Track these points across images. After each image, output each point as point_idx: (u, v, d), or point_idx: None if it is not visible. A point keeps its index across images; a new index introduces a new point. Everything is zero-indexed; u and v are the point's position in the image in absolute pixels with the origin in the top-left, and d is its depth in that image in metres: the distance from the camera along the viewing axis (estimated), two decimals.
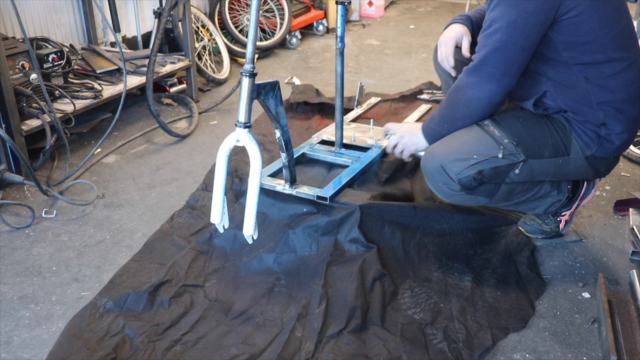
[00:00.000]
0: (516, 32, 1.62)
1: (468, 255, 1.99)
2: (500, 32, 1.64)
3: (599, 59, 1.68)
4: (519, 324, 1.70)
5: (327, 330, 1.62)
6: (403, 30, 5.25)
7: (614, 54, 1.68)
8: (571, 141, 1.80)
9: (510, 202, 1.92)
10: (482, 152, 1.75)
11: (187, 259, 1.90)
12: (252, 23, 1.63)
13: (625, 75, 1.71)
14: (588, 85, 1.71)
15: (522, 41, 1.63)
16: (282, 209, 2.04)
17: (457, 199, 1.86)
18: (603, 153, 1.80)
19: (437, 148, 1.83)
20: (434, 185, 1.84)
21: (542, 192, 1.93)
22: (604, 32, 1.65)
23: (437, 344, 1.60)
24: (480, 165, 1.75)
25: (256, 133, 2.90)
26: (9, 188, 2.40)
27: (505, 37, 1.63)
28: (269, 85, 1.78)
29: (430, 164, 1.81)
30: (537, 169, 1.80)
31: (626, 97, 1.73)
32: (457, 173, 1.75)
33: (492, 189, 1.83)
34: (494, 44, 1.65)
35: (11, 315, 1.72)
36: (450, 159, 1.76)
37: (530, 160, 1.78)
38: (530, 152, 1.77)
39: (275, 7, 4.46)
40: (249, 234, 1.68)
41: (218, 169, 1.68)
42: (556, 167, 1.81)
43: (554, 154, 1.79)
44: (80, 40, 3.37)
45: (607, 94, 1.72)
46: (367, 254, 1.88)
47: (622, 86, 1.72)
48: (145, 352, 1.55)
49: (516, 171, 1.77)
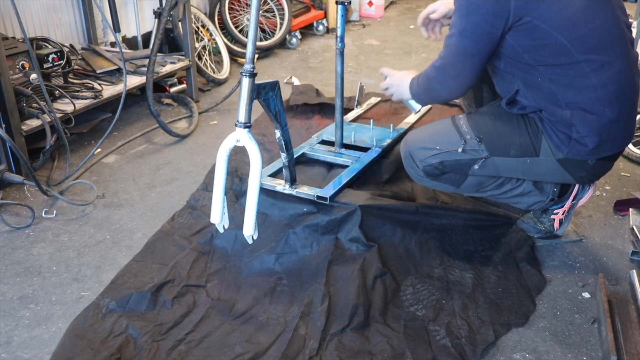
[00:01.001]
0: (465, 40, 1.71)
1: (469, 251, 1.99)
2: (454, 38, 1.74)
3: (562, 61, 1.67)
4: (520, 319, 1.71)
5: (331, 328, 1.63)
6: (403, 30, 5.25)
7: (579, 56, 1.65)
8: (541, 142, 1.81)
9: (483, 194, 2.00)
10: (445, 144, 1.90)
11: (189, 259, 1.91)
12: (252, 23, 1.63)
13: (595, 76, 1.67)
14: (553, 86, 1.71)
15: (471, 48, 1.72)
16: (283, 209, 2.04)
17: (425, 183, 2.02)
18: (575, 155, 1.78)
19: (410, 136, 2.03)
20: (406, 168, 2.04)
21: (520, 191, 1.97)
22: (564, 35, 1.63)
23: (440, 340, 1.61)
24: (441, 157, 1.90)
25: (256, 133, 2.90)
26: (9, 188, 2.40)
27: (458, 44, 1.73)
28: (269, 85, 1.78)
29: (403, 150, 2.01)
30: (502, 166, 1.87)
31: (596, 98, 1.69)
32: (421, 160, 1.93)
33: (457, 179, 1.94)
34: (449, 48, 1.76)
35: (11, 315, 1.72)
36: (418, 146, 1.94)
37: (494, 157, 1.86)
38: (494, 150, 1.85)
39: (275, 7, 4.46)
40: (249, 234, 1.68)
41: (218, 169, 1.68)
42: (524, 166, 1.85)
43: (521, 154, 1.84)
44: (80, 40, 3.37)
45: (574, 95, 1.70)
46: (367, 253, 1.88)
47: (591, 87, 1.68)
48: (150, 352, 1.56)
49: (476, 166, 1.88)
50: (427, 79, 1.88)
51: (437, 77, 1.84)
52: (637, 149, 2.68)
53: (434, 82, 1.86)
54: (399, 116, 3.09)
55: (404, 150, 2.00)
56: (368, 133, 2.60)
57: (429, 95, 1.93)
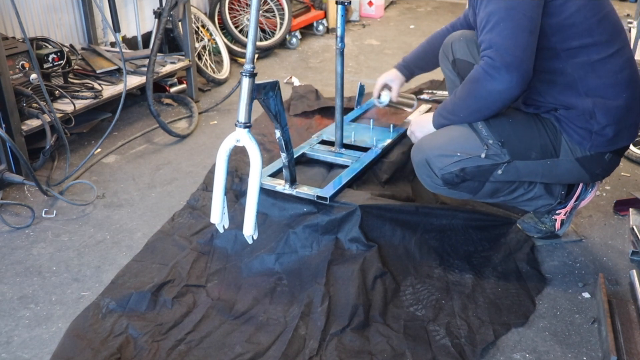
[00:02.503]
0: (519, 16, 1.61)
1: (468, 252, 1.99)
2: (503, 22, 1.62)
3: (586, 42, 1.69)
4: (520, 319, 1.71)
5: (331, 328, 1.63)
6: (403, 30, 5.25)
7: (600, 37, 1.69)
8: (561, 142, 1.81)
9: (496, 200, 1.96)
10: (466, 150, 1.79)
11: (189, 259, 1.91)
12: (252, 23, 1.63)
13: (613, 61, 1.72)
14: (575, 73, 1.72)
15: (527, 23, 1.62)
16: (283, 209, 2.04)
17: (440, 192, 1.92)
18: (597, 149, 1.79)
19: (425, 141, 1.88)
20: (420, 177, 1.92)
21: (532, 195, 1.95)
22: (590, 14, 1.67)
23: (440, 340, 1.61)
24: (463, 163, 1.79)
25: (256, 133, 2.90)
26: (9, 188, 2.40)
27: (511, 24, 1.61)
28: (269, 85, 1.78)
29: (417, 157, 1.88)
30: (524, 170, 1.82)
31: (615, 83, 1.73)
32: (441, 169, 1.81)
33: (475, 187, 1.86)
34: (501, 33, 1.62)
35: (11, 315, 1.72)
36: (435, 154, 1.81)
37: (516, 161, 1.80)
38: (516, 154, 1.79)
39: (275, 7, 4.46)
40: (249, 234, 1.68)
41: (218, 169, 1.68)
42: (544, 168, 1.83)
43: (542, 156, 1.81)
44: (80, 40, 3.37)
45: (594, 80, 1.72)
46: (367, 253, 1.88)
47: (610, 72, 1.72)
48: (150, 352, 1.56)
49: (499, 171, 1.81)
50: (469, 89, 1.73)
51: (491, 74, 1.64)
52: (637, 149, 2.68)
53: (484, 83, 1.67)
54: (399, 116, 3.09)
55: (419, 158, 1.86)
56: (368, 133, 2.60)
57: (471, 108, 1.76)
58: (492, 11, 1.65)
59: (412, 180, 2.40)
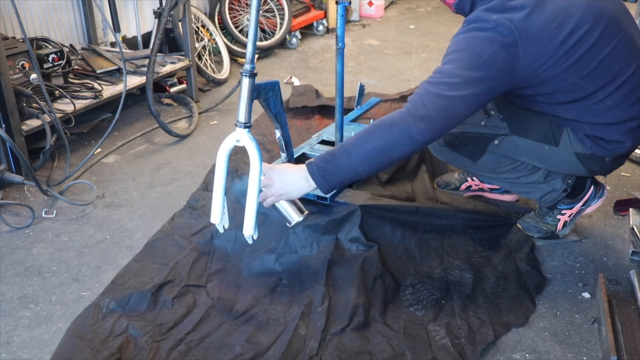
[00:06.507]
0: (463, 100, 1.59)
1: (468, 252, 1.99)
2: (446, 88, 1.62)
3: (577, 96, 1.68)
4: (520, 319, 1.71)
5: (331, 328, 1.63)
6: (403, 30, 5.25)
7: (593, 88, 1.65)
8: (562, 134, 1.83)
9: (498, 175, 2.01)
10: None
11: (189, 259, 1.91)
12: (252, 23, 1.63)
13: (610, 99, 1.67)
14: (569, 115, 1.74)
15: (464, 111, 1.60)
16: None
17: (443, 155, 2.06)
18: (597, 152, 1.80)
19: None
20: None
21: (535, 179, 1.97)
22: (574, 76, 1.62)
23: (440, 340, 1.61)
24: (463, 127, 1.93)
25: (256, 133, 2.90)
26: (9, 188, 2.40)
27: (450, 102, 1.59)
28: (269, 85, 1.78)
29: None
30: (522, 147, 1.89)
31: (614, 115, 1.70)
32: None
33: (475, 152, 1.97)
34: (434, 99, 1.63)
35: (11, 315, 1.72)
36: None
37: (514, 136, 1.88)
38: (515, 129, 1.88)
39: (275, 7, 4.46)
40: (249, 234, 1.68)
41: (218, 169, 1.69)
42: (542, 152, 1.86)
43: (540, 139, 1.85)
44: (80, 40, 3.37)
45: (592, 118, 1.72)
46: (367, 253, 1.89)
47: (606, 109, 1.69)
48: (150, 352, 1.56)
49: (496, 141, 1.91)
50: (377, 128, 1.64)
51: (402, 125, 1.61)
52: (637, 149, 2.68)
53: (394, 133, 1.61)
54: None
55: None
56: None
57: (377, 155, 1.60)
58: (449, 71, 1.64)
59: (412, 180, 2.41)
